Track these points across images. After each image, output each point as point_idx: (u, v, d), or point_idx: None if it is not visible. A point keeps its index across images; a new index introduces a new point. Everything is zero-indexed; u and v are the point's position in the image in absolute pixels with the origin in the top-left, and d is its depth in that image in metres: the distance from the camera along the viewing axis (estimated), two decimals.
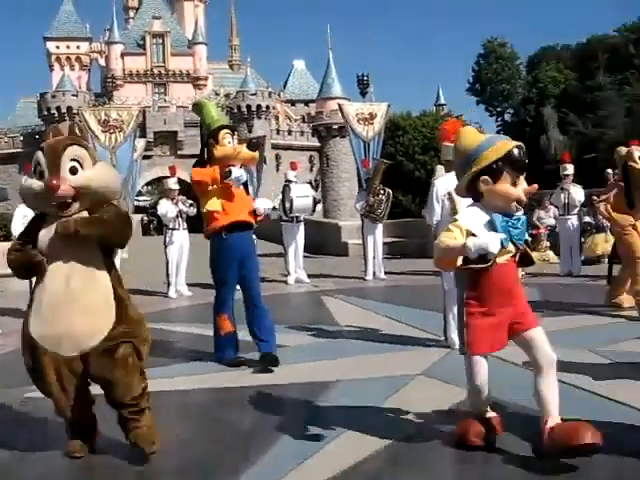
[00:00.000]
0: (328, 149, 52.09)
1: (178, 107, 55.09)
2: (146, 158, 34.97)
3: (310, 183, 12.98)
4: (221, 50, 78.82)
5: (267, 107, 51.40)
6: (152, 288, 11.31)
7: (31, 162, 3.57)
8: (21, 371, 3.76)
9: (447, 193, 5.77)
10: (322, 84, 54.93)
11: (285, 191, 11.93)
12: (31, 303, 3.60)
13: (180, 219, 10.95)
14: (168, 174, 12.38)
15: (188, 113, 48.06)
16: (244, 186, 5.86)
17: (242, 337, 6.03)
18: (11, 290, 10.97)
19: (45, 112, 49.31)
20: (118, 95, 61.51)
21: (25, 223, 3.93)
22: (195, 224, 9.49)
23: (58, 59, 70.30)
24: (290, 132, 56.54)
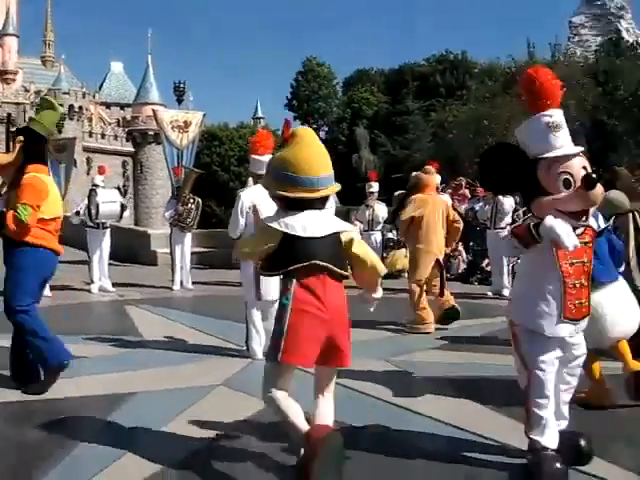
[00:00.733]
0: (142, 155, 51.02)
1: None
2: None
3: (118, 188, 12.49)
4: (34, 44, 74.74)
5: (80, 108, 49.47)
6: None
7: None
8: None
9: (252, 205, 5.80)
10: (139, 88, 53.80)
11: (91, 196, 11.42)
12: None
13: None
14: None
15: None
16: None
17: None
18: None
19: None
20: None
21: None
22: None
23: None
24: (103, 135, 54.75)
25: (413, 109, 39.19)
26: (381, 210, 12.29)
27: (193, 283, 12.13)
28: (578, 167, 3.48)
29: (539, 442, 3.53)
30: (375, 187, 12.31)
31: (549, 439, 3.55)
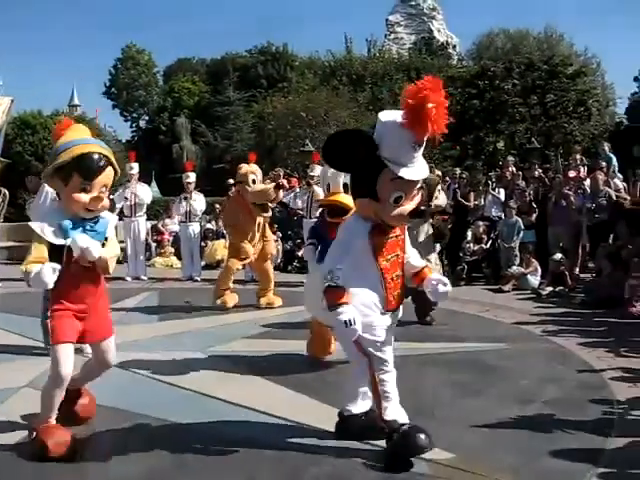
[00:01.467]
0: None
1: None
2: None
3: None
4: None
5: None
6: None
7: None
8: None
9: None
10: None
11: None
12: None
13: None
14: None
15: None
16: None
17: None
18: None
19: None
20: None
21: None
22: None
23: None
24: None
25: (234, 99, 39.08)
26: (198, 201, 12.13)
27: (0, 280, 11.42)
28: (413, 189, 3.65)
29: (395, 421, 3.71)
30: (192, 177, 12.11)
31: (402, 415, 3.76)
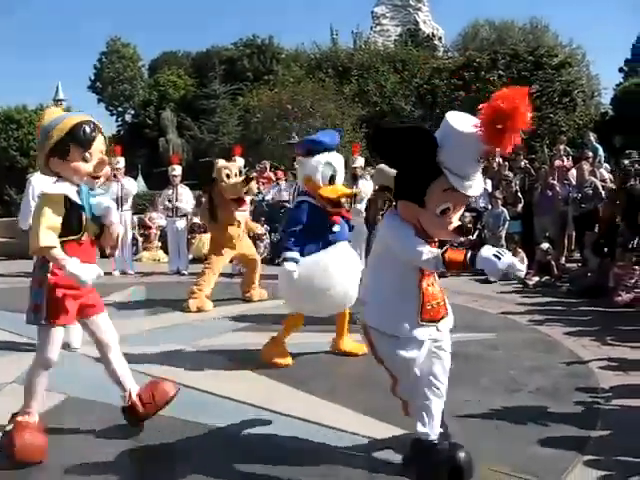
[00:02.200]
0: None
1: None
2: None
3: None
4: None
5: None
6: None
7: None
8: None
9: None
10: None
11: None
12: None
13: None
14: None
15: None
16: None
17: None
18: None
19: None
20: None
21: None
22: None
23: None
24: None
25: (220, 93, 38.90)
26: (186, 194, 12.06)
27: None
28: (463, 203, 3.40)
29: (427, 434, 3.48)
30: (178, 170, 12.01)
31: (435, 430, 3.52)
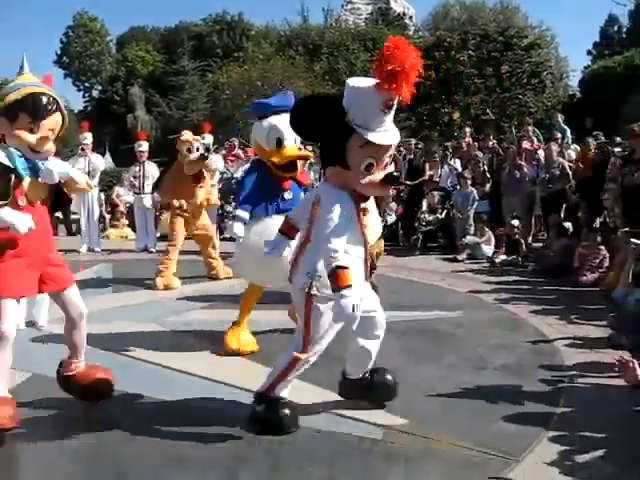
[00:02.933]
0: None
1: None
2: None
3: None
4: None
5: None
6: None
7: None
8: None
9: None
10: None
11: None
12: None
13: None
14: None
15: None
16: None
17: None
18: None
19: None
20: None
21: None
22: None
23: None
24: None
25: (189, 69, 38.45)
26: (152, 170, 11.86)
27: None
28: (384, 156, 3.50)
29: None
30: (145, 146, 11.81)
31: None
